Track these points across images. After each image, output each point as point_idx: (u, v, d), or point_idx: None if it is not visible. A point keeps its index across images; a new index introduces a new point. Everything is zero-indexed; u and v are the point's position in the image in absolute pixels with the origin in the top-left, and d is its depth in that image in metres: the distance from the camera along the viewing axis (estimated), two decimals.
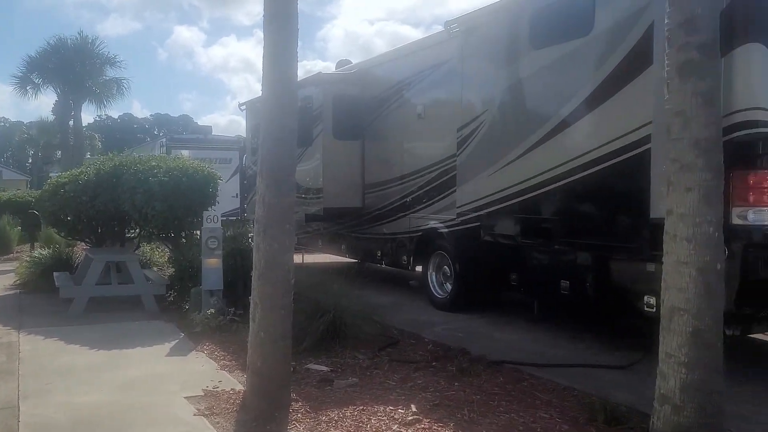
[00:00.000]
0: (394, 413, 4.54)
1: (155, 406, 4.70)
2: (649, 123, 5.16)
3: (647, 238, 5.15)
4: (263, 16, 4.46)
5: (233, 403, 4.73)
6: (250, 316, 4.56)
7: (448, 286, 8.32)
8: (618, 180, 5.63)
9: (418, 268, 9.09)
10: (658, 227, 4.90)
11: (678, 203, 3.53)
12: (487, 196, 7.15)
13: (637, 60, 5.34)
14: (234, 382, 5.24)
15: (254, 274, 4.51)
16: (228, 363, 5.90)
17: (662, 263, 3.69)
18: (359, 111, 10.17)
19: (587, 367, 5.73)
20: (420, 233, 8.83)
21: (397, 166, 9.46)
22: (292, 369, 5.59)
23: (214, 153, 17.05)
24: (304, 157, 10.62)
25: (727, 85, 4.89)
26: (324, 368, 5.71)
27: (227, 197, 14.25)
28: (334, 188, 10.11)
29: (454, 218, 7.88)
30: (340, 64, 11.93)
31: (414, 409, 4.58)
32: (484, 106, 7.28)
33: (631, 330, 6.71)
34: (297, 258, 12.39)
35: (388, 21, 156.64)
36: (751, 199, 4.85)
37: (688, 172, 3.50)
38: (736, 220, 4.91)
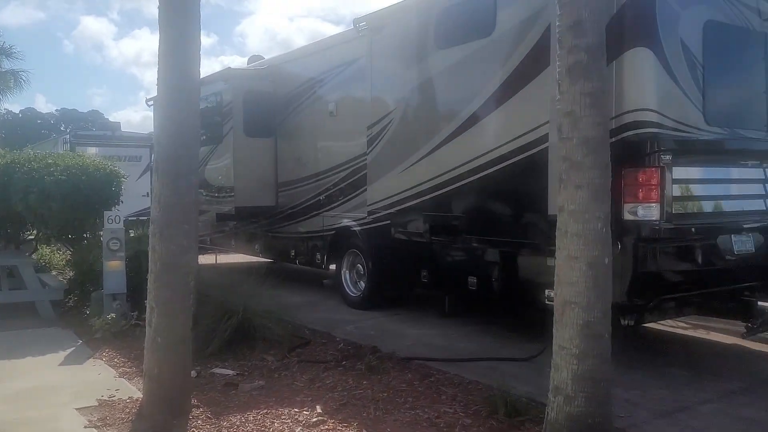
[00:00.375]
0: (299, 415, 4.48)
1: (41, 420, 4.42)
2: (546, 123, 5.33)
3: (546, 234, 5.31)
4: None
5: (129, 412, 4.52)
6: (146, 320, 4.36)
7: (362, 285, 8.31)
8: (519, 178, 5.80)
9: (333, 267, 9.04)
10: (555, 223, 5.11)
11: (569, 200, 3.65)
12: (397, 194, 7.19)
13: (536, 61, 5.51)
14: (133, 390, 5.01)
15: (150, 277, 4.32)
16: (128, 370, 5.64)
17: None
18: (271, 108, 9.99)
19: (492, 360, 5.87)
20: (333, 232, 8.78)
21: (310, 164, 9.37)
22: (196, 374, 5.42)
23: (123, 150, 16.28)
24: (215, 155, 10.34)
25: (618, 87, 5.16)
26: (230, 372, 5.56)
27: (137, 196, 13.63)
28: (246, 187, 9.89)
29: (366, 216, 7.88)
30: (252, 59, 11.68)
31: (319, 410, 4.53)
32: (392, 104, 7.31)
33: (537, 323, 6.93)
34: (210, 259, 12.24)
35: (308, 18, 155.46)
36: (641, 195, 5.10)
37: (577, 170, 3.62)
38: (627, 216, 5.15)
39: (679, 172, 5.20)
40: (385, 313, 7.99)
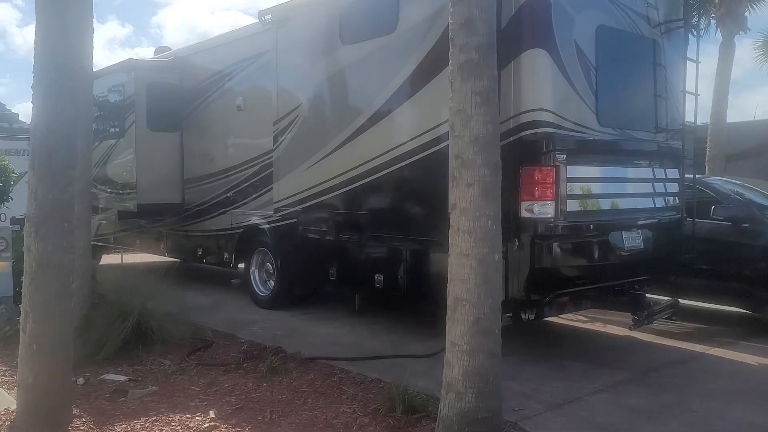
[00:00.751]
0: (190, 421, 4.30)
1: None
2: (446, 121, 5.33)
3: (446, 232, 5.35)
4: None
5: (2, 425, 4.19)
6: (21, 326, 4.05)
7: (272, 284, 8.14)
8: (421, 176, 5.83)
9: (242, 266, 8.81)
10: None
11: (461, 198, 3.67)
12: (304, 192, 7.08)
13: (436, 59, 5.53)
14: (11, 401, 4.65)
15: (25, 279, 4.01)
16: (8, 379, 5.25)
17: None
18: (177, 101, 9.61)
19: (397, 357, 5.87)
20: (242, 230, 8.55)
21: (218, 159, 9.08)
22: (83, 381, 5.12)
23: (17, 144, 15.25)
24: (117, 149, 9.85)
25: (516, 87, 5.27)
26: (122, 378, 5.28)
27: None
28: (150, 183, 9.47)
29: (273, 214, 7.72)
30: (159, 50, 11.22)
31: (212, 415, 4.37)
32: (298, 100, 7.19)
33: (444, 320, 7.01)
34: (116, 258, 11.64)
35: (230, 11, 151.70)
36: (537, 193, 5.23)
37: (468, 168, 3.64)
38: (524, 214, 5.28)
39: (574, 171, 5.38)
40: (295, 313, 7.86)
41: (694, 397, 4.99)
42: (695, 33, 6.80)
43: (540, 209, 5.24)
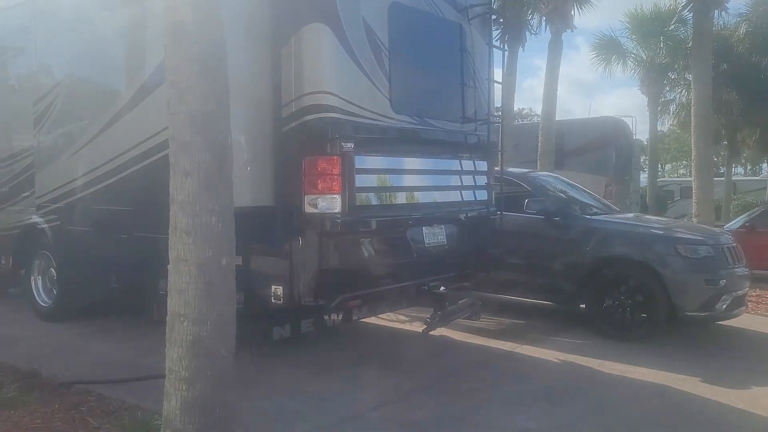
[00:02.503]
0: None
1: None
2: None
3: None
4: None
5: None
6: None
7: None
8: None
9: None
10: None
11: (178, 189, 2.99)
12: (65, 185, 6.04)
13: None
14: None
15: None
16: None
17: None
18: None
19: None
20: (19, 230, 7.29)
21: (4, 148, 7.69)
22: None
23: None
24: None
25: (297, 66, 4.67)
26: None
27: None
28: None
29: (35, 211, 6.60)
30: None
31: None
32: (57, 76, 6.12)
33: None
34: None
35: None
36: (320, 186, 4.67)
37: (186, 152, 2.97)
38: (308, 209, 4.70)
39: (364, 161, 4.87)
40: (79, 325, 6.79)
41: (485, 403, 4.69)
42: (499, 18, 6.57)
43: (325, 203, 4.68)
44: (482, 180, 6.22)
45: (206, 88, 2.95)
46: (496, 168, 6.46)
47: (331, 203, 4.68)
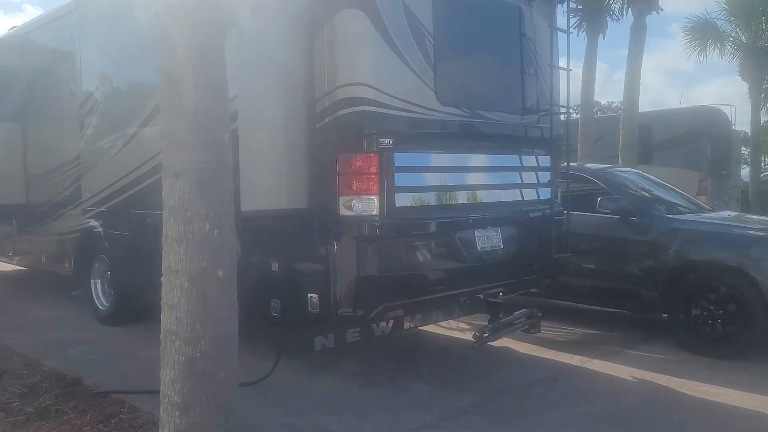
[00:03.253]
0: None
1: None
2: (236, 97, 4.32)
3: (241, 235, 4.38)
4: None
5: None
6: None
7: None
8: None
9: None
10: (249, 221, 4.19)
11: (169, 193, 2.69)
12: (108, 188, 5.99)
13: None
14: None
15: None
16: None
17: None
18: (16, 86, 8.34)
19: None
20: (79, 234, 7.39)
21: (57, 153, 7.86)
22: None
23: None
24: None
25: (330, 56, 4.32)
26: None
27: None
28: None
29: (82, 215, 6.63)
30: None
31: None
32: (98, 81, 6.07)
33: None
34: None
35: None
36: (356, 186, 4.29)
37: (177, 150, 2.67)
38: (343, 211, 4.34)
39: (405, 158, 4.46)
40: (135, 330, 6.78)
41: (543, 427, 4.15)
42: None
43: (361, 205, 4.30)
44: (545, 177, 5.64)
45: (200, 78, 2.63)
46: (563, 164, 5.86)
47: (367, 205, 4.30)
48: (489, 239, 5.03)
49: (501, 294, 5.32)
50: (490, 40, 5.22)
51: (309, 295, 4.50)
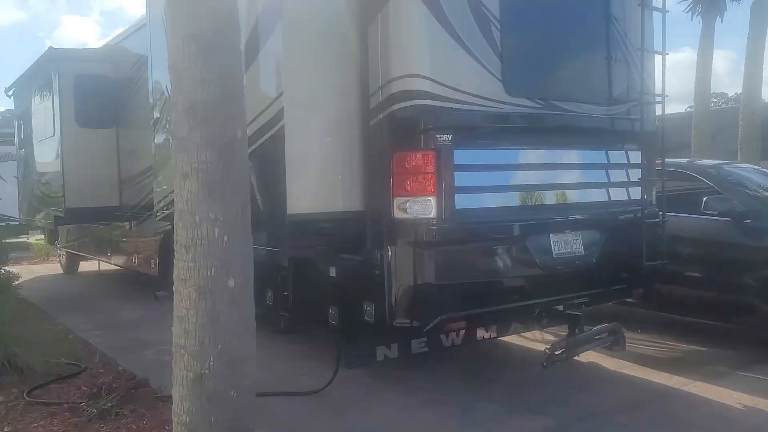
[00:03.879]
0: None
1: None
2: (281, 95, 4.06)
3: (287, 239, 4.14)
4: None
5: None
6: None
7: None
8: (256, 169, 4.38)
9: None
10: (296, 225, 3.96)
11: (178, 195, 2.49)
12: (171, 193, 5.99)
13: (268, 21, 4.22)
14: None
15: None
16: None
17: None
18: (110, 93, 8.71)
19: (280, 395, 4.69)
20: (162, 235, 7.57)
21: (145, 156, 8.11)
22: None
23: None
24: (47, 149, 9.09)
25: (383, 47, 4.01)
26: None
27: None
28: (80, 185, 8.61)
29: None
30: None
31: None
32: (165, 91, 6.07)
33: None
34: (93, 266, 11.04)
35: None
36: (411, 187, 3.94)
37: (184, 150, 2.46)
38: (397, 214, 4.01)
39: (466, 155, 4.05)
40: None
41: None
42: None
43: (417, 207, 3.95)
44: (636, 175, 5.01)
45: (205, 72, 2.40)
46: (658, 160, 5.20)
47: (424, 207, 3.94)
48: (567, 244, 4.51)
49: (584, 306, 4.76)
50: (569, 23, 4.69)
51: (364, 303, 4.21)
